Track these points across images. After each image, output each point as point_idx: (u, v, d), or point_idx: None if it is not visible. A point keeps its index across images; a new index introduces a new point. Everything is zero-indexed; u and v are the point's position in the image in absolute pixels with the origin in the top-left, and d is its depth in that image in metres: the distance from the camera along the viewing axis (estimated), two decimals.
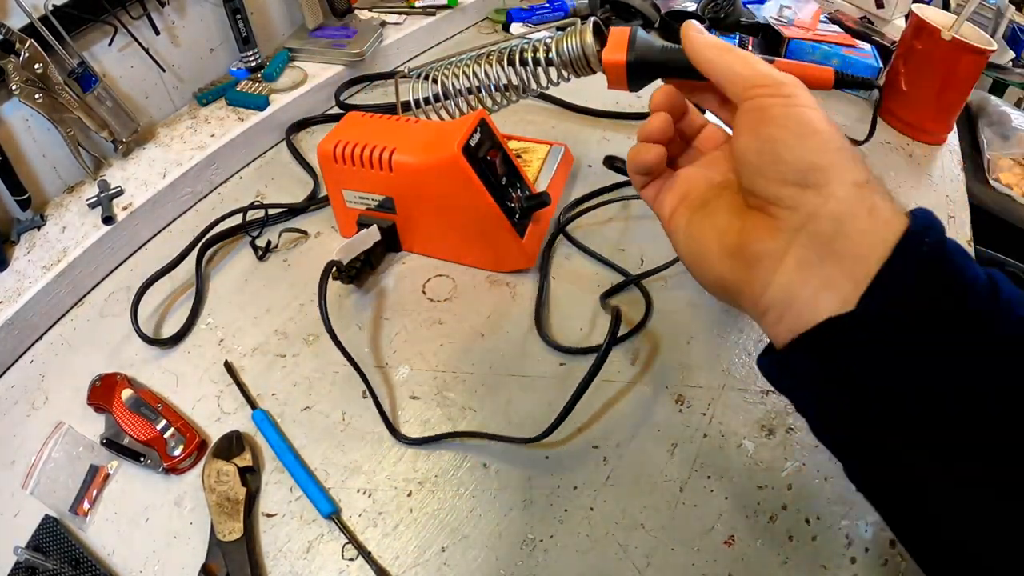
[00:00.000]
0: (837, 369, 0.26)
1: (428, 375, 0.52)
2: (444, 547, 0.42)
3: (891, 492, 0.27)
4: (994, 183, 1.03)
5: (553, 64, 0.60)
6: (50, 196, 0.67)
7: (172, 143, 0.73)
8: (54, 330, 0.59)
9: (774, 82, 0.29)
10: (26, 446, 0.49)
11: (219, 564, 0.41)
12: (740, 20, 1.05)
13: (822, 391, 0.27)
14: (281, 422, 0.50)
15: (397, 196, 0.58)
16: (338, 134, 0.58)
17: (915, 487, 0.26)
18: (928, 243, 0.25)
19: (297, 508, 0.45)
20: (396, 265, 0.63)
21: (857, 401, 0.26)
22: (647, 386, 0.51)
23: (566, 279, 0.60)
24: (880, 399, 0.25)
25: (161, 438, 0.47)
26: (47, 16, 0.60)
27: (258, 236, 0.65)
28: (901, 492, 0.26)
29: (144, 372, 0.54)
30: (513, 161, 0.59)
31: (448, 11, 1.01)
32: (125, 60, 0.70)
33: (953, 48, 0.74)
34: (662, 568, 0.41)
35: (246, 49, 0.81)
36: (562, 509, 0.44)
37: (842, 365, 0.26)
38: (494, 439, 0.47)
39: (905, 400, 0.25)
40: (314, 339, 0.56)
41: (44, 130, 0.64)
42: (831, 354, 0.26)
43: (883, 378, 0.25)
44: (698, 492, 0.44)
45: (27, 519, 0.45)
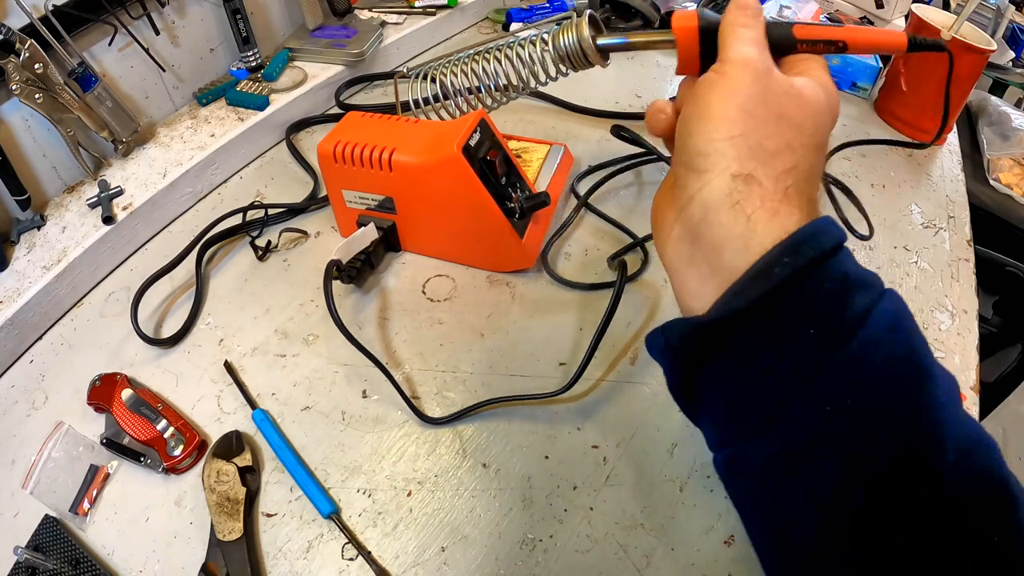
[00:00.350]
0: (679, 355, 0.29)
1: (428, 375, 0.52)
2: (444, 547, 0.42)
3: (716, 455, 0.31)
4: (994, 183, 1.03)
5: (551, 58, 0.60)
6: (50, 196, 0.67)
7: (172, 143, 0.73)
8: (54, 330, 0.59)
9: (721, 59, 0.29)
10: (26, 446, 0.49)
11: (219, 564, 0.41)
12: None
13: (665, 368, 0.30)
14: (281, 422, 0.50)
15: (397, 196, 0.58)
16: (338, 134, 0.58)
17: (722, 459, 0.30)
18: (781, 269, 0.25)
19: (297, 508, 0.45)
20: (396, 265, 0.63)
21: (678, 373, 0.30)
22: (647, 386, 0.51)
23: (563, 272, 0.60)
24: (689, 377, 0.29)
25: (161, 438, 0.47)
26: (47, 16, 0.60)
27: (258, 236, 0.65)
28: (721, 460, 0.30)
29: (144, 372, 0.54)
30: (513, 161, 0.59)
31: (448, 11, 1.01)
32: (125, 60, 0.70)
33: (953, 48, 0.74)
34: (662, 568, 0.41)
35: (246, 49, 0.81)
36: (562, 509, 0.44)
37: (682, 355, 0.29)
38: (520, 400, 0.49)
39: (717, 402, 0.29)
40: (314, 339, 0.56)
41: (44, 130, 0.64)
42: (673, 339, 0.29)
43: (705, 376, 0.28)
44: (698, 492, 0.44)
45: (27, 519, 0.45)
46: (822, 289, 0.25)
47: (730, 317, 0.26)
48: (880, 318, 0.25)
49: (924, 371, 0.25)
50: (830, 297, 0.25)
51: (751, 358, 0.26)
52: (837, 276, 0.25)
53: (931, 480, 0.24)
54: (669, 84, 0.90)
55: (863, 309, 0.25)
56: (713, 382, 0.28)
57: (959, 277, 0.61)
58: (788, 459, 0.26)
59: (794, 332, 0.25)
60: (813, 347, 0.25)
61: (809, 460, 0.25)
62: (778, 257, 0.25)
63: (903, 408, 0.24)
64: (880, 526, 0.24)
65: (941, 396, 0.25)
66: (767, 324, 0.25)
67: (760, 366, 0.26)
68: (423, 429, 0.49)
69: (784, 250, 0.25)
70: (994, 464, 0.25)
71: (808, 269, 0.25)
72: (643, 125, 0.36)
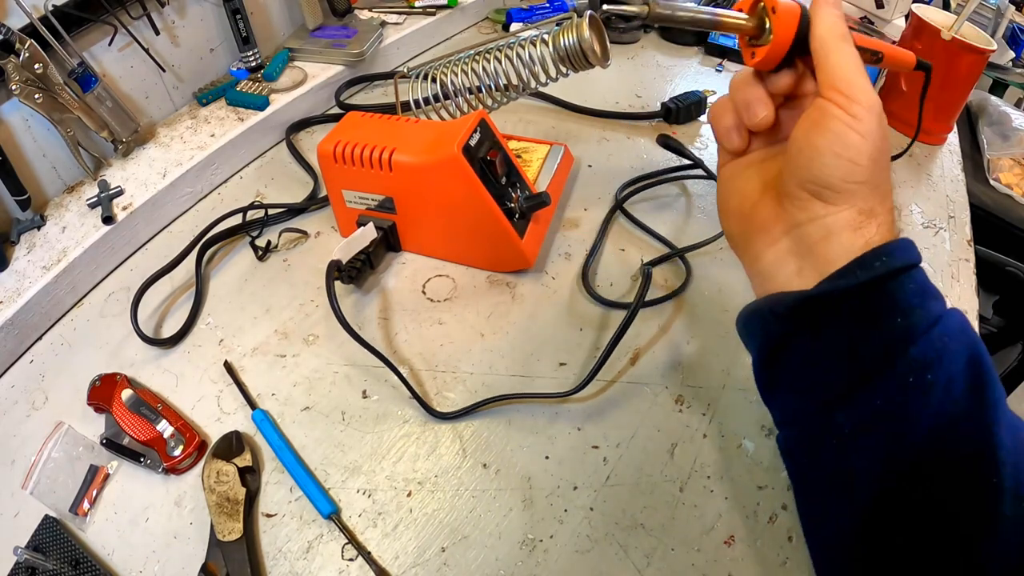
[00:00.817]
0: (780, 325, 0.33)
1: (428, 375, 0.52)
2: (444, 547, 0.42)
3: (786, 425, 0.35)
4: (994, 183, 1.03)
5: (551, 58, 0.60)
6: (50, 196, 0.67)
7: (172, 143, 0.73)
8: (54, 330, 0.59)
9: (851, 97, 0.30)
10: (26, 446, 0.49)
11: (219, 564, 0.41)
12: None
13: (763, 336, 0.34)
14: (281, 422, 0.50)
15: (397, 196, 0.58)
16: (338, 134, 0.58)
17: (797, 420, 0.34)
18: (880, 264, 0.30)
19: (297, 508, 0.45)
20: (396, 265, 0.63)
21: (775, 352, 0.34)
22: (647, 386, 0.51)
23: (563, 272, 0.60)
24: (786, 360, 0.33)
25: (161, 438, 0.47)
26: (47, 16, 0.60)
27: (258, 236, 0.65)
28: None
29: (144, 372, 0.54)
30: (513, 161, 0.59)
31: (448, 11, 1.01)
32: (125, 60, 0.70)
33: (953, 48, 0.74)
34: (662, 568, 0.41)
35: (246, 49, 0.81)
36: (562, 509, 0.44)
37: (783, 324, 0.33)
38: (532, 398, 0.49)
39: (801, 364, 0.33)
40: (314, 339, 0.56)
41: (44, 130, 0.64)
42: (778, 316, 0.33)
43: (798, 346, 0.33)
44: (698, 492, 0.44)
45: (27, 519, 0.45)
46: (907, 288, 0.30)
47: (836, 293, 0.30)
48: (950, 321, 0.30)
49: (987, 372, 0.30)
50: (914, 296, 0.30)
51: (847, 334, 0.31)
52: (919, 282, 0.31)
53: (986, 463, 0.28)
54: (669, 84, 0.90)
55: (938, 313, 0.30)
56: (803, 354, 0.32)
57: (959, 277, 0.61)
58: (876, 423, 0.30)
59: (884, 317, 0.30)
60: (900, 332, 0.29)
61: (894, 425, 0.29)
62: (878, 256, 0.30)
63: (970, 395, 0.29)
64: (939, 493, 0.29)
65: (1000, 398, 0.29)
66: (865, 305, 0.30)
67: (855, 340, 0.30)
68: (423, 429, 0.49)
69: (882, 252, 0.30)
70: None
71: (900, 271, 0.30)
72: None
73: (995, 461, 0.28)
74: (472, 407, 0.49)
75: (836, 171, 0.31)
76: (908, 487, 0.29)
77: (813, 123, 0.31)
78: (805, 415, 0.33)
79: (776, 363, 0.34)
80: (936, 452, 0.28)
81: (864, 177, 0.31)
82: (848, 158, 0.30)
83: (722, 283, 0.59)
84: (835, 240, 0.31)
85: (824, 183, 0.31)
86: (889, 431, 0.29)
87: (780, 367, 0.34)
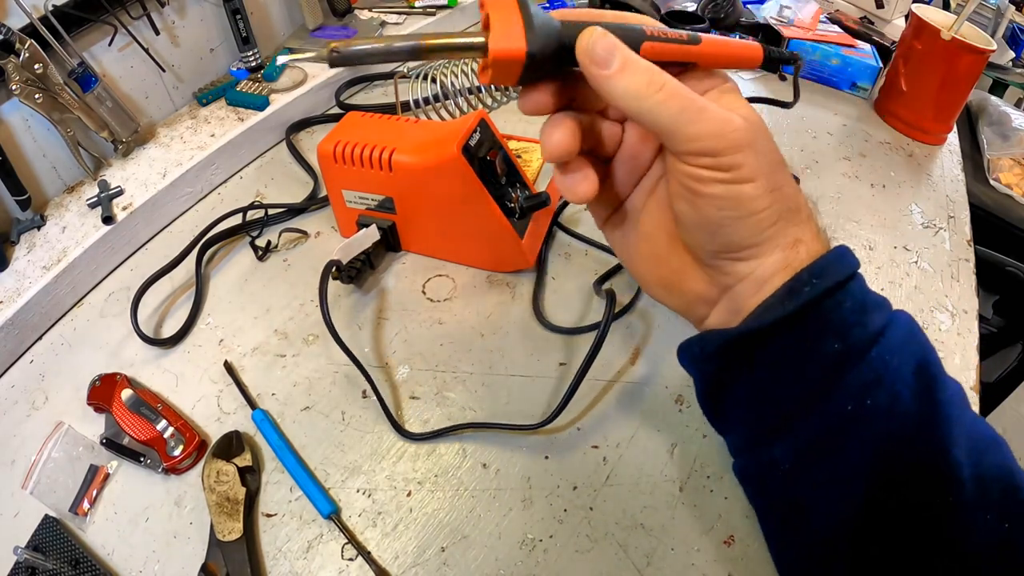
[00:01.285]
0: (710, 365, 0.31)
1: (428, 375, 0.52)
2: (444, 547, 0.42)
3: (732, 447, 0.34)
4: (994, 183, 1.03)
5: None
6: (50, 196, 0.67)
7: (172, 143, 0.73)
8: (54, 330, 0.59)
9: (714, 152, 0.26)
10: (26, 446, 0.49)
11: (219, 564, 0.41)
12: (740, 20, 1.05)
13: (698, 373, 0.33)
14: (281, 422, 0.50)
15: (397, 196, 0.58)
16: (338, 134, 0.58)
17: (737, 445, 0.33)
18: (810, 288, 0.27)
19: (297, 508, 0.45)
20: (396, 265, 0.63)
21: (711, 389, 0.32)
22: (647, 386, 0.51)
23: (563, 271, 0.60)
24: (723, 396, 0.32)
25: (161, 438, 0.47)
26: (47, 16, 0.60)
27: (258, 236, 0.65)
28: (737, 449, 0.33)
29: (144, 372, 0.54)
30: (513, 161, 0.59)
31: (448, 11, 1.01)
32: (125, 60, 0.70)
33: (953, 48, 0.74)
34: (662, 568, 0.41)
35: (246, 49, 0.81)
36: (562, 509, 0.44)
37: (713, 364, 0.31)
38: (496, 427, 0.47)
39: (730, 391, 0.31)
40: (314, 339, 0.56)
41: (44, 130, 0.64)
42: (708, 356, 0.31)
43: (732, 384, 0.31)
44: (698, 492, 0.44)
45: (27, 519, 0.45)
46: (843, 308, 0.27)
47: (763, 329, 0.28)
48: (894, 332, 0.28)
49: (934, 376, 0.28)
50: (851, 314, 0.27)
51: (780, 366, 0.29)
52: (857, 296, 0.28)
53: (942, 472, 0.26)
54: None
55: (881, 325, 0.28)
56: (744, 388, 0.30)
57: (959, 277, 0.62)
58: (815, 456, 0.28)
59: (819, 343, 0.27)
60: (837, 357, 0.27)
61: (834, 457, 0.28)
62: (807, 280, 0.28)
63: (916, 407, 0.27)
64: (891, 517, 0.27)
65: (952, 397, 0.28)
66: (795, 336, 0.28)
67: (788, 374, 0.28)
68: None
69: (812, 273, 0.28)
70: (1000, 460, 0.27)
71: (833, 290, 0.27)
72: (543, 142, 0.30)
73: (952, 478, 0.26)
74: (441, 431, 0.48)
75: (743, 233, 0.28)
76: (860, 515, 0.27)
77: (692, 195, 0.28)
78: (748, 448, 0.32)
79: (714, 398, 0.32)
80: (884, 477, 0.27)
81: (775, 217, 0.27)
82: (750, 214, 0.27)
83: None
84: (769, 287, 0.28)
85: (736, 248, 0.28)
86: (831, 463, 0.28)
87: (718, 402, 0.32)
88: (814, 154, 0.78)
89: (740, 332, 0.29)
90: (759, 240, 0.28)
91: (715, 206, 0.27)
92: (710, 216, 0.28)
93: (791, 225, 0.28)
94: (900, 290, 0.60)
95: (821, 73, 0.92)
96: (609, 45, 0.26)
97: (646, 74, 0.26)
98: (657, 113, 0.26)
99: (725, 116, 0.26)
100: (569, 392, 0.46)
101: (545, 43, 0.26)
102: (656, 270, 0.33)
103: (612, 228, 0.35)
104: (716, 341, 0.30)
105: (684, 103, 0.26)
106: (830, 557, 0.29)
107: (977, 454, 0.27)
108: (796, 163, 0.76)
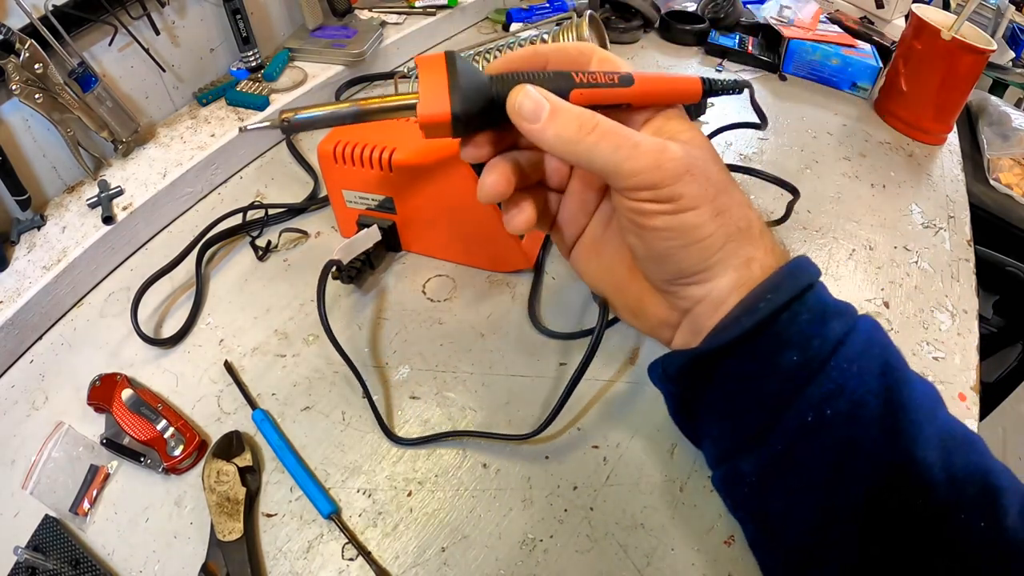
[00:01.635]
0: (674, 385, 0.32)
1: (428, 375, 0.52)
2: (444, 547, 0.42)
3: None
4: (994, 183, 1.03)
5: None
6: (50, 196, 0.67)
7: (172, 143, 0.73)
8: (54, 330, 0.59)
9: (653, 184, 0.27)
10: (26, 446, 0.49)
11: (219, 564, 0.41)
12: (740, 20, 1.05)
13: (665, 392, 0.34)
14: (281, 422, 0.50)
15: (397, 196, 0.58)
16: (338, 134, 0.58)
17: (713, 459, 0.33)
18: (765, 304, 0.27)
19: (297, 508, 0.45)
20: (396, 265, 0.63)
21: (679, 406, 0.33)
22: (647, 386, 0.51)
23: (563, 271, 0.60)
24: (690, 413, 0.33)
25: (161, 438, 0.47)
26: (47, 16, 0.60)
27: (258, 236, 0.65)
28: None
29: (144, 372, 0.54)
30: None
31: (448, 11, 1.01)
32: (125, 60, 0.70)
33: (953, 48, 0.74)
34: (662, 568, 0.41)
35: (246, 49, 0.81)
36: (562, 509, 0.44)
37: (677, 384, 0.32)
38: (489, 437, 0.47)
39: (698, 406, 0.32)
40: (314, 339, 0.56)
41: (44, 130, 0.64)
42: (671, 377, 0.32)
43: (697, 402, 0.32)
44: (698, 492, 0.44)
45: (27, 519, 0.45)
46: (800, 320, 0.28)
47: (720, 348, 0.28)
48: (855, 339, 0.27)
49: (900, 379, 0.27)
50: (809, 325, 0.27)
51: (740, 383, 0.29)
52: (815, 307, 0.28)
53: (911, 475, 0.26)
54: None
55: (841, 333, 0.27)
56: (709, 405, 0.31)
57: (959, 277, 0.62)
58: (778, 468, 0.29)
59: (778, 358, 0.28)
60: (796, 370, 0.27)
61: (797, 468, 0.28)
62: (762, 295, 0.28)
63: (879, 412, 0.27)
64: (866, 523, 0.27)
65: (918, 399, 0.27)
66: (754, 353, 0.28)
67: (748, 390, 0.29)
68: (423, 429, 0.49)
69: (767, 289, 0.28)
70: (975, 458, 0.27)
71: (788, 304, 0.27)
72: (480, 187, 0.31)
73: (923, 480, 0.26)
74: (432, 437, 0.47)
75: (691, 259, 0.28)
76: (834, 522, 0.27)
77: (638, 228, 0.29)
78: (718, 462, 0.32)
79: (682, 415, 0.34)
80: (852, 484, 0.27)
81: (723, 240, 0.28)
82: (696, 241, 0.28)
83: None
84: (726, 306, 0.29)
85: (687, 274, 0.29)
86: (795, 474, 0.28)
87: (687, 419, 0.33)
88: (814, 154, 0.78)
89: (698, 353, 0.29)
90: (708, 265, 0.29)
91: (661, 237, 0.28)
92: (657, 247, 0.29)
93: (742, 245, 0.29)
94: (900, 290, 0.60)
95: (821, 73, 0.92)
96: (535, 100, 0.27)
97: (576, 120, 0.27)
98: (592, 155, 0.27)
99: (660, 147, 0.27)
100: (560, 401, 0.44)
101: (472, 103, 0.28)
102: (621, 297, 0.35)
103: (575, 260, 0.36)
104: (677, 362, 0.31)
105: (618, 140, 0.27)
106: (808, 563, 0.29)
107: (949, 454, 0.26)
108: (796, 163, 0.76)
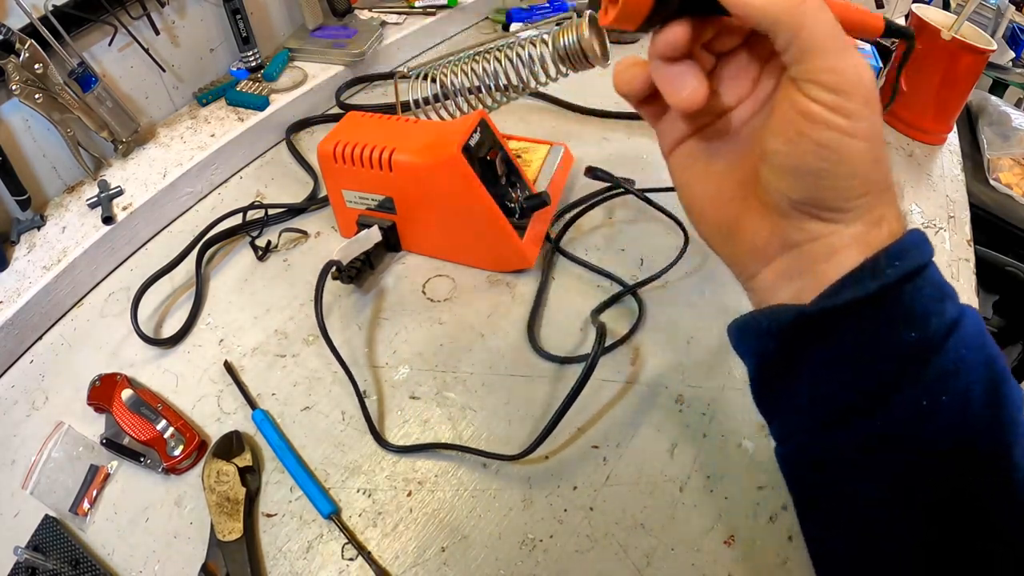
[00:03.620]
0: (776, 344, 0.29)
1: (428, 375, 0.52)
2: (444, 547, 0.42)
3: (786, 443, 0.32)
4: (994, 183, 1.03)
5: (551, 58, 0.60)
6: (50, 196, 0.67)
7: (172, 143, 0.73)
8: (54, 330, 0.59)
9: (842, 91, 0.24)
10: (26, 446, 0.49)
11: (219, 564, 0.41)
12: None
13: (759, 354, 0.30)
14: (281, 422, 0.50)
15: (397, 196, 0.58)
16: (338, 134, 0.58)
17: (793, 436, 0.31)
18: (893, 270, 0.26)
19: (297, 508, 0.45)
20: (396, 265, 0.63)
21: (772, 369, 0.30)
22: (646, 386, 0.51)
23: (563, 288, 0.60)
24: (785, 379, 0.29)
25: (161, 438, 0.47)
26: (47, 16, 0.60)
27: (258, 236, 0.65)
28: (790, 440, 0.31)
29: (144, 372, 0.54)
30: (513, 161, 0.59)
31: (448, 11, 1.01)
32: (125, 60, 0.70)
33: (953, 48, 0.74)
34: (662, 568, 0.41)
35: (246, 49, 0.81)
36: (562, 509, 0.44)
37: (780, 343, 0.29)
38: (475, 453, 0.46)
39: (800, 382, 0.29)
40: (314, 339, 0.56)
41: (44, 130, 0.64)
42: (774, 335, 0.29)
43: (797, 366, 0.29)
44: (698, 492, 0.44)
45: (27, 519, 0.45)
46: (924, 293, 0.26)
47: (842, 307, 0.26)
48: (968, 325, 0.26)
49: (1002, 374, 0.27)
50: (930, 302, 0.26)
51: (855, 348, 0.27)
52: (935, 282, 0.26)
53: (1002, 472, 0.25)
54: None
55: (955, 316, 0.26)
56: (809, 370, 0.28)
57: (959, 277, 0.61)
58: (875, 449, 0.27)
59: (896, 330, 0.26)
60: (913, 346, 0.26)
61: (895, 452, 0.26)
62: (889, 260, 0.26)
63: (986, 404, 0.26)
64: (951, 517, 0.26)
65: (1017, 398, 0.26)
66: (873, 320, 0.26)
67: (864, 357, 0.26)
68: (423, 429, 0.49)
69: (894, 254, 0.26)
70: None
71: (914, 274, 0.26)
72: None
73: (1011, 480, 0.25)
74: (422, 446, 0.47)
75: (837, 191, 0.26)
76: (919, 512, 0.26)
77: (795, 132, 0.25)
78: (804, 434, 0.30)
79: (773, 381, 0.30)
80: (951, 474, 0.26)
81: (869, 188, 0.26)
82: (849, 173, 0.25)
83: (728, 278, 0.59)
84: (842, 257, 0.27)
85: (824, 206, 0.26)
86: (897, 456, 0.26)
87: (778, 385, 0.30)
88: None
89: (814, 311, 0.27)
90: (848, 206, 0.26)
91: (817, 154, 0.25)
92: (807, 162, 0.26)
93: (882, 201, 0.27)
94: None
95: None
96: None
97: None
98: (813, 23, 0.24)
99: (865, 63, 0.25)
100: (550, 425, 0.44)
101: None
102: (716, 212, 0.31)
103: (677, 158, 0.32)
104: (786, 319, 0.28)
105: (837, 29, 0.24)
106: (880, 556, 0.28)
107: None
108: None
